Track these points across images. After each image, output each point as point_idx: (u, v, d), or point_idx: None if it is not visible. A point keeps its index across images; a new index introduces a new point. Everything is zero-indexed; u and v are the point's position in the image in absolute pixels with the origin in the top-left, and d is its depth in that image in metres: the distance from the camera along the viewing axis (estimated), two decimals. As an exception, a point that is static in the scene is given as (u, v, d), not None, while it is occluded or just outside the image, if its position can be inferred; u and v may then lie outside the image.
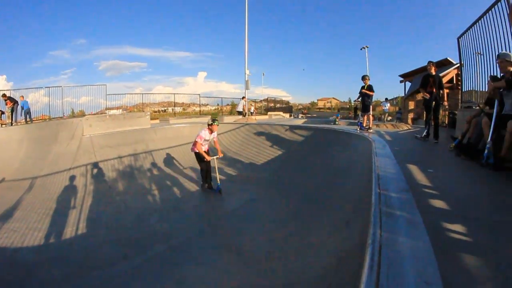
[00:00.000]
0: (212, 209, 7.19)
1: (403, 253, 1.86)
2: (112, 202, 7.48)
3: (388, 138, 8.68)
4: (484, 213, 2.95)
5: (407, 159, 5.56)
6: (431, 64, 8.10)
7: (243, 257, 4.77)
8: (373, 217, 2.41)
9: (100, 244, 5.59)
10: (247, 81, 19.82)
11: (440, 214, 2.79)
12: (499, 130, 4.96)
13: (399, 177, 3.85)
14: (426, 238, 2.07)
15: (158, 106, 25.08)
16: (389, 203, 2.76)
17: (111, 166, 9.21)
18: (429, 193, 3.48)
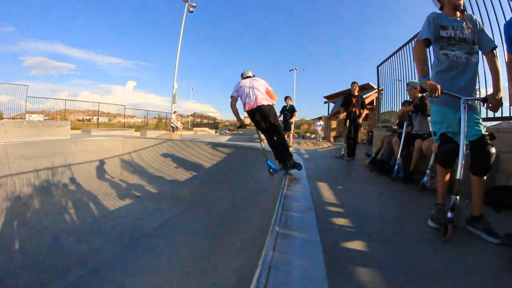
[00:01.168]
0: (131, 229, 7.18)
1: (294, 274, 1.89)
2: (27, 222, 7.13)
3: (306, 156, 9.47)
4: (385, 225, 3.19)
5: (320, 177, 6.07)
6: (355, 85, 8.93)
7: (161, 279, 4.90)
8: (269, 238, 2.46)
9: (15, 271, 5.33)
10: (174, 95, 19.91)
11: (339, 231, 2.92)
12: (408, 148, 5.96)
13: (306, 196, 4.02)
14: (320, 257, 2.12)
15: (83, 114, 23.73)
16: (289, 223, 2.82)
17: (26, 180, 8.66)
18: (333, 211, 3.67)
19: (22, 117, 16.22)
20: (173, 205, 8.61)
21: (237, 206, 7.32)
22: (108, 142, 12.56)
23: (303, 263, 2.04)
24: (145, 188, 9.96)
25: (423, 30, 3.39)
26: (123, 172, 11.37)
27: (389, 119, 10.67)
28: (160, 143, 12.68)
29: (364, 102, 8.95)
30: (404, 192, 4.94)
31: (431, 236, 2.87)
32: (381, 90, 12.11)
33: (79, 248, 6.31)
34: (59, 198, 8.68)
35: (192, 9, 24.03)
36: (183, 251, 5.82)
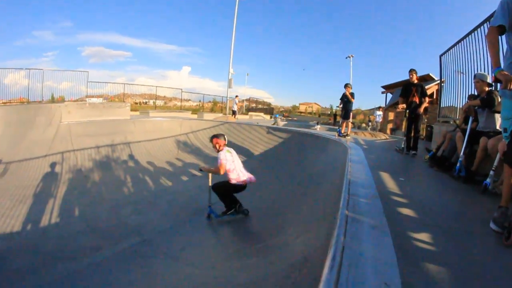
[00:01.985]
0: (186, 205, 7.18)
1: (365, 255, 1.88)
2: (87, 192, 7.44)
3: (365, 146, 8.95)
4: (448, 222, 3.04)
5: (381, 167, 5.71)
6: (413, 72, 8.05)
7: (212, 254, 4.83)
8: (339, 220, 2.44)
9: (73, 234, 5.58)
10: (230, 79, 19.94)
11: (405, 221, 2.87)
12: (472, 145, 5.29)
13: (370, 184, 3.91)
14: (389, 242, 2.11)
15: (140, 97, 24.68)
16: (357, 208, 2.79)
17: (87, 155, 9.11)
18: (397, 201, 3.59)
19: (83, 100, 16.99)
20: None
21: (294, 190, 7.06)
22: (166, 123, 12.91)
23: (374, 247, 2.03)
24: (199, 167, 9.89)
25: (496, 15, 2.84)
26: (179, 151, 11.52)
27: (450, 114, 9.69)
28: (217, 125, 12.69)
29: (424, 91, 7.97)
30: (465, 192, 4.41)
31: (494, 238, 2.63)
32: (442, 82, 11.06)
33: (134, 218, 6.44)
34: (118, 173, 8.96)
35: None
36: (235, 231, 5.71)
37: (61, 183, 7.64)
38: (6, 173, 7.43)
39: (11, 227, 5.61)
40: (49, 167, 8.09)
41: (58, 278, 4.32)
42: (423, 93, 7.92)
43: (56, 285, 4.19)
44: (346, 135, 10.78)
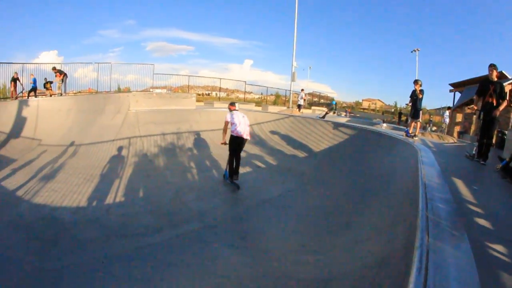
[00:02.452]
0: (249, 195, 6.95)
1: (448, 260, 1.92)
2: (152, 176, 7.49)
3: (434, 149, 8.10)
4: None
5: (452, 172, 5.24)
6: (493, 68, 6.81)
7: (275, 246, 4.61)
8: (421, 223, 2.43)
9: (136, 214, 5.63)
10: (294, 73, 19.62)
11: (482, 231, 2.74)
12: None
13: (444, 188, 3.79)
14: (469, 250, 2.11)
15: (203, 89, 25.39)
16: (436, 212, 2.75)
17: (153, 141, 9.29)
18: (473, 210, 3.40)
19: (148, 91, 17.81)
20: (292, 179, 8.11)
21: (359, 191, 6.45)
22: (231, 113, 12.59)
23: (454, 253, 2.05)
24: (264, 159, 9.63)
25: None
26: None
27: None
28: (282, 118, 12.34)
29: (503, 91, 6.70)
30: None
31: None
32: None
33: (197, 204, 6.29)
34: (182, 159, 8.96)
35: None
36: (299, 225, 5.37)
37: (127, 165, 7.81)
38: (75, 154, 7.78)
39: (78, 202, 5.76)
40: (117, 151, 8.34)
41: (118, 253, 4.35)
42: (501, 93, 6.64)
43: (115, 259, 4.21)
44: (414, 135, 9.79)
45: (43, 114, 10.28)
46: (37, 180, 6.71)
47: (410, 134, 9.81)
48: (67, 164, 7.56)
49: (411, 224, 2.68)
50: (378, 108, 58.89)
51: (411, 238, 2.29)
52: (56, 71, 13.86)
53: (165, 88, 20.51)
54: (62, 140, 9.00)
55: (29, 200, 5.81)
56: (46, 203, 5.65)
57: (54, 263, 4.03)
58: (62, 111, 10.43)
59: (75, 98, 11.62)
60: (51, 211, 5.40)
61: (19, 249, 4.27)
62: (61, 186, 6.41)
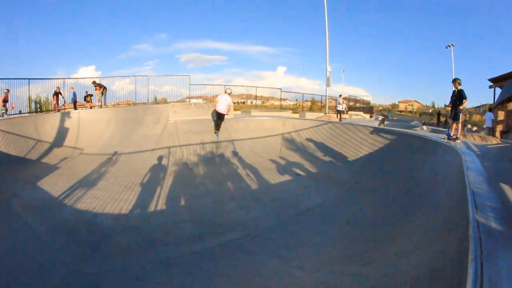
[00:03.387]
0: (290, 204, 6.76)
1: (502, 272, 1.85)
2: (192, 184, 7.48)
3: (478, 152, 7.59)
4: None
5: (499, 177, 4.83)
6: None
7: (319, 256, 4.42)
8: (473, 233, 2.36)
9: (177, 222, 5.60)
10: (328, 78, 19.39)
11: None
12: None
13: (493, 196, 3.61)
14: None
15: (238, 97, 25.59)
16: (486, 221, 2.65)
17: (193, 150, 9.34)
18: None
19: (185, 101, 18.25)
20: (333, 187, 7.85)
21: (402, 196, 6.24)
22: (269, 121, 12.79)
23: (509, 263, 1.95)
24: (304, 167, 9.42)
25: None
26: (283, 149, 11.20)
27: None
28: (320, 125, 12.05)
29: None
30: None
31: None
32: None
33: (239, 213, 6.19)
34: (222, 168, 8.92)
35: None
36: (343, 234, 5.16)
37: (167, 174, 7.85)
38: (116, 163, 7.93)
39: (119, 209, 5.81)
40: (157, 160, 8.41)
41: (159, 260, 4.29)
42: None
43: (156, 266, 4.15)
44: (456, 138, 9.22)
45: (84, 125, 10.63)
46: (79, 187, 6.86)
47: (451, 137, 9.27)
48: (108, 172, 7.72)
49: (462, 235, 2.60)
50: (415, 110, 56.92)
51: (463, 249, 2.23)
52: (96, 85, 14.46)
53: (200, 97, 20.92)
54: (103, 149, 9.27)
55: (71, 205, 5.94)
56: (88, 209, 5.76)
57: (95, 267, 4.05)
58: (102, 121, 10.75)
59: (114, 109, 12.01)
60: (93, 217, 5.48)
61: (61, 253, 4.31)
62: (103, 193, 6.52)
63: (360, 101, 37.56)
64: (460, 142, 8.89)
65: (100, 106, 13.99)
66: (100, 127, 10.47)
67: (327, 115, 17.82)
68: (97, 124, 10.60)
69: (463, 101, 9.08)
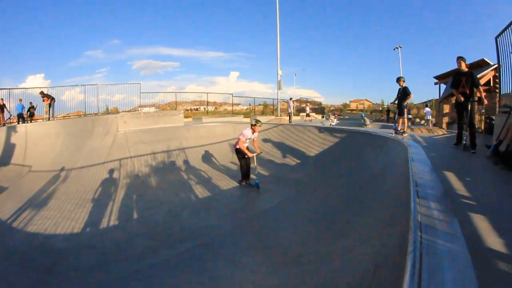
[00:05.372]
0: (243, 209, 7.02)
1: (443, 262, 1.88)
2: (144, 196, 7.48)
3: (424, 143, 8.27)
4: None
5: (444, 166, 5.30)
6: (460, 60, 7.24)
7: (273, 258, 4.58)
8: (413, 225, 2.40)
9: (131, 237, 5.61)
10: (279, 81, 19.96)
11: (478, 225, 2.70)
12: None
13: (436, 185, 3.78)
14: (464, 248, 2.09)
15: (191, 104, 25.50)
16: (428, 211, 2.74)
17: (144, 161, 9.29)
18: (467, 203, 3.37)
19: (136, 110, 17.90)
20: (285, 188, 8.17)
21: (353, 192, 6.61)
22: (220, 127, 12.94)
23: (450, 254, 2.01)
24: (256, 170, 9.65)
25: None
26: (234, 155, 11.24)
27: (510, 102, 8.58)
28: (271, 128, 12.51)
29: (475, 80, 7.09)
30: None
31: None
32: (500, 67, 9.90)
33: (192, 222, 6.29)
34: (174, 177, 8.96)
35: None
36: (296, 234, 5.38)
37: (119, 187, 7.79)
38: (67, 179, 7.74)
39: (72, 228, 5.73)
40: (108, 173, 8.29)
41: (116, 278, 4.30)
42: (474, 82, 7.01)
43: (113, 285, 4.15)
44: (403, 132, 10.01)
45: (32, 140, 10.21)
46: (29, 207, 6.66)
47: (399, 131, 10.00)
48: (59, 189, 7.51)
49: (403, 227, 2.64)
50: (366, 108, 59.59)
51: (404, 241, 2.25)
52: (43, 96, 13.84)
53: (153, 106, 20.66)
54: (53, 165, 8.94)
55: (22, 229, 5.77)
56: (40, 231, 5.62)
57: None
58: (51, 135, 10.37)
59: (63, 121, 11.62)
60: (45, 240, 5.35)
61: (15, 280, 4.21)
62: (54, 213, 6.37)
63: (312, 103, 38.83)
64: (408, 135, 9.61)
65: (48, 119, 13.45)
66: (48, 141, 10.10)
67: (278, 118, 18.28)
68: (45, 138, 10.22)
69: (407, 97, 9.85)
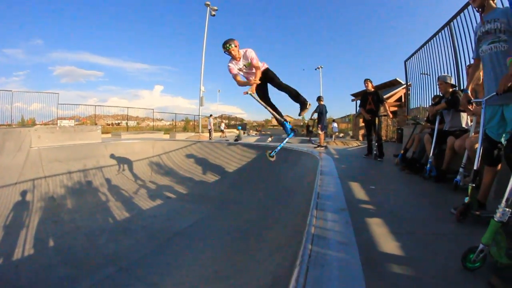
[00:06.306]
0: (161, 229, 7.16)
1: (331, 273, 1.88)
2: (61, 221, 7.29)
3: (336, 156, 9.26)
4: (420, 226, 3.17)
5: (351, 176, 5.96)
6: (367, 82, 8.75)
7: (191, 277, 4.84)
8: (305, 238, 2.44)
9: (48, 267, 5.46)
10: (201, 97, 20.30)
11: (373, 231, 2.95)
12: (440, 145, 5.62)
13: (339, 196, 3.89)
14: (356, 257, 2.10)
15: (112, 119, 24.46)
16: (324, 223, 2.78)
17: (59, 182, 8.93)
18: (367, 210, 3.73)
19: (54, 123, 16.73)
20: (203, 206, 8.54)
21: (268, 206, 7.17)
22: (138, 144, 12.83)
23: (340, 263, 2.05)
24: (174, 189, 9.99)
25: None
26: (153, 173, 11.48)
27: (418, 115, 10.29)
28: (189, 145, 12.73)
29: (380, 97, 8.66)
30: (436, 192, 4.72)
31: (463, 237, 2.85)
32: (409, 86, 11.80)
33: (110, 246, 6.36)
34: (91, 199, 8.83)
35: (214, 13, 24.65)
36: (213, 251, 5.73)
37: (33, 212, 7.46)
38: None
39: None
40: (20, 196, 7.88)
41: None
42: (379, 100, 8.55)
43: None
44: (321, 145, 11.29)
45: None
46: None
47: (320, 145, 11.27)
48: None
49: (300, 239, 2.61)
50: None
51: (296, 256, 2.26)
52: None
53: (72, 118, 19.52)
54: (-46, 187, 8.10)
55: None
56: None
57: None
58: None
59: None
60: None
61: None
62: (-39, 246, 5.88)
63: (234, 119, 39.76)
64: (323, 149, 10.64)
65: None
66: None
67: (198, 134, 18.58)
68: None
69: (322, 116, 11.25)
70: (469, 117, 5.49)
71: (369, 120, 8.69)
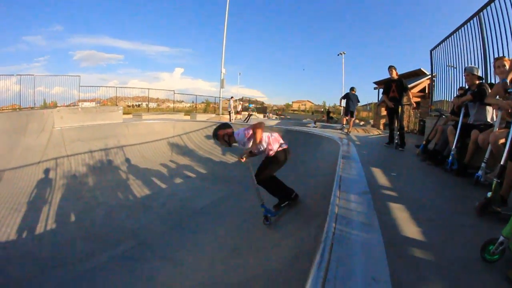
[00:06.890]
0: (181, 207, 7.23)
1: (354, 251, 1.94)
2: (82, 198, 7.45)
3: (358, 143, 9.07)
4: (440, 215, 3.13)
5: (373, 162, 5.83)
6: (391, 69, 8.35)
7: (210, 254, 4.82)
8: (329, 216, 2.50)
9: (69, 240, 5.60)
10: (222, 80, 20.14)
11: (396, 216, 2.93)
12: (463, 139, 5.39)
13: (361, 179, 4.02)
14: (379, 238, 2.18)
15: (133, 100, 24.70)
16: (347, 204, 2.86)
17: (81, 160, 9.12)
18: (389, 195, 3.67)
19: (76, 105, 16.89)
20: (222, 186, 8.56)
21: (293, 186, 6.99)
22: (159, 125, 12.96)
23: (363, 243, 2.09)
24: (194, 168, 10.03)
25: None
26: (173, 153, 11.58)
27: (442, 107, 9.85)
28: (209, 126, 12.72)
29: (404, 85, 8.24)
30: (456, 185, 4.51)
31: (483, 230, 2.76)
32: (434, 77, 11.30)
33: (130, 222, 6.48)
34: (112, 177, 8.98)
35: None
36: (232, 230, 5.69)
37: (55, 189, 7.65)
38: (0, 181, 7.39)
39: (7, 235, 5.59)
40: (43, 174, 8.09)
41: (54, 286, 4.35)
42: (402, 88, 8.18)
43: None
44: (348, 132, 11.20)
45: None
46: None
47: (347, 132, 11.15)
48: (-9, 193, 7.15)
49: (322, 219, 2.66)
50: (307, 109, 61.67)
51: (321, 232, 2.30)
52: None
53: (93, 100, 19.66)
54: (-18, 167, 8.43)
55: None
56: (-27, 241, 5.36)
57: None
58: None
59: (-6, 116, 10.89)
60: (-22, 250, 5.14)
61: None
62: (-13, 220, 6.12)
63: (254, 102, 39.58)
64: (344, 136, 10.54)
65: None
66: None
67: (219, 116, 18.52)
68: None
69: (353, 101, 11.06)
70: (495, 111, 5.19)
71: (391, 108, 8.36)
